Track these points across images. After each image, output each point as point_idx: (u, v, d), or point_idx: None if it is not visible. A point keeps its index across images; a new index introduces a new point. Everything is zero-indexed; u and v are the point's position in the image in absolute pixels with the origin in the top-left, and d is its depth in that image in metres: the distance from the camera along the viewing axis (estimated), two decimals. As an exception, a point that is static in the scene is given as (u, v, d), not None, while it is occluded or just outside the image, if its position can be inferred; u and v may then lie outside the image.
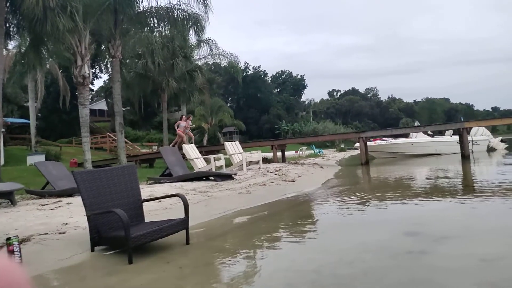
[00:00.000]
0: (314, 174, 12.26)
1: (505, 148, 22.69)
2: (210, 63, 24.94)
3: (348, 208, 6.36)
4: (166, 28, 16.15)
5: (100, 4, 12.56)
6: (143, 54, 19.82)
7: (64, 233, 4.43)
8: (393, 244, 3.88)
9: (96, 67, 34.64)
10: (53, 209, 5.98)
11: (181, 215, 4.21)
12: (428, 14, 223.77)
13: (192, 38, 17.78)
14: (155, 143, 33.24)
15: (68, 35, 11.28)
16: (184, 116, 17.89)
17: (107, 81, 39.26)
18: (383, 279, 2.89)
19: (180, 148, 12.85)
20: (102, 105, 45.81)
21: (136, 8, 13.96)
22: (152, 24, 15.47)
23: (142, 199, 4.50)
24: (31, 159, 16.49)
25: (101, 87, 47.05)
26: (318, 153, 28.46)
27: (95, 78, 37.56)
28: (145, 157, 19.57)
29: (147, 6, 14.19)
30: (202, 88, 23.24)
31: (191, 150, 12.29)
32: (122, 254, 3.68)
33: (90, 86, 16.72)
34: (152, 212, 5.52)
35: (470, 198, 6.47)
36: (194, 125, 22.00)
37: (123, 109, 20.61)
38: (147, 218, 4.61)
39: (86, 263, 3.68)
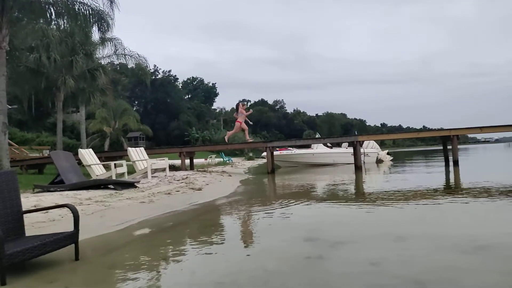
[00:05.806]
0: (222, 182, 12.26)
1: (390, 160, 25.63)
2: (115, 63, 23.49)
3: (253, 216, 6.45)
4: (65, 22, 14.70)
5: (-17, -15, 10.94)
6: (37, 47, 17.76)
7: None
8: (294, 250, 4.02)
9: (-23, 57, 30.04)
10: None
11: (71, 227, 3.79)
12: (331, 34, 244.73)
13: (96, 35, 16.50)
14: (47, 146, 30.01)
15: None
16: (241, 104, 16.61)
17: (-10, 75, 34.31)
18: (282, 287, 2.94)
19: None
20: (-18, 102, 39.86)
21: (29, -4, 12.47)
22: (48, 16, 13.93)
23: (24, 210, 3.99)
24: None
25: (-18, 81, 40.98)
26: (227, 161, 28.72)
27: (-26, 70, 32.49)
28: (34, 162, 17.52)
29: (43, -5, 12.77)
30: (105, 89, 21.69)
31: (87, 155, 11.34)
32: (-7, 275, 3.14)
33: (-34, 78, 14.31)
34: (37, 225, 4.91)
35: (361, 205, 7.07)
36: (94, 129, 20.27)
37: (9, 107, 18.20)
38: (31, 232, 4.10)
39: None
